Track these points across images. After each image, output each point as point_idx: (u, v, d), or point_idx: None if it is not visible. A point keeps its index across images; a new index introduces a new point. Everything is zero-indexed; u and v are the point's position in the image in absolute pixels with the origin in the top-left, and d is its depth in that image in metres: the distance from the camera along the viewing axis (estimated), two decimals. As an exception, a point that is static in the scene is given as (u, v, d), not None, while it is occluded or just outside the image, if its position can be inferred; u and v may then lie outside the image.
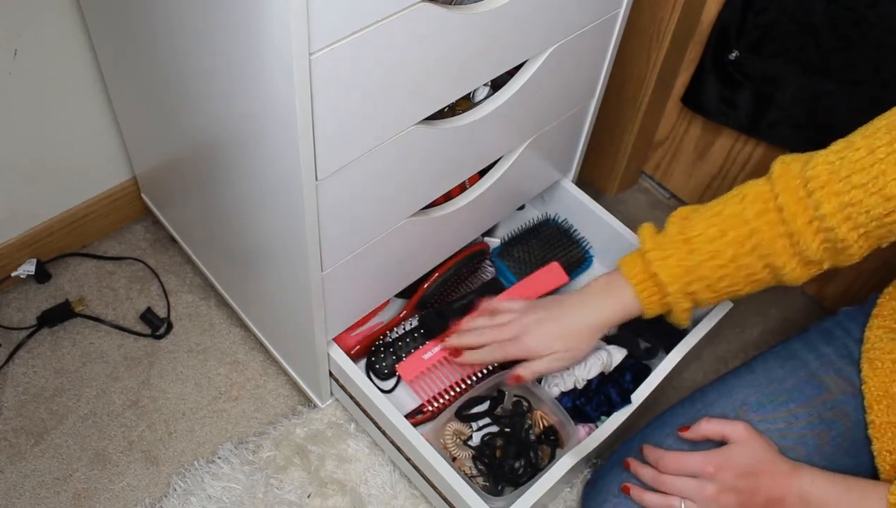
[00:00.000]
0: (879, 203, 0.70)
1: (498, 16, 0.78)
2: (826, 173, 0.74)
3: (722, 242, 0.80)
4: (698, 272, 0.81)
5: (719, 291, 0.82)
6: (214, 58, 0.73)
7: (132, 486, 1.04)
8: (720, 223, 0.80)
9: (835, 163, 0.74)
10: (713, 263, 0.80)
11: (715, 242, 0.80)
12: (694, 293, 0.82)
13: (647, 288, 0.84)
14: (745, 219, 0.79)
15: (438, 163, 0.89)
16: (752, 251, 0.79)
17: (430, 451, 0.92)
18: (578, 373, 1.01)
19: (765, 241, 0.78)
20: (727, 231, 0.80)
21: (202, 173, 0.95)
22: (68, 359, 1.14)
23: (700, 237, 0.81)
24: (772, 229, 0.77)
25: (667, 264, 0.82)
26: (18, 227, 1.16)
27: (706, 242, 0.80)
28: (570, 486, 1.06)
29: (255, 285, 1.03)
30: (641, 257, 0.85)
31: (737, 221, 0.79)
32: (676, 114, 1.30)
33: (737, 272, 0.80)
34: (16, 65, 1.00)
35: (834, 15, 1.01)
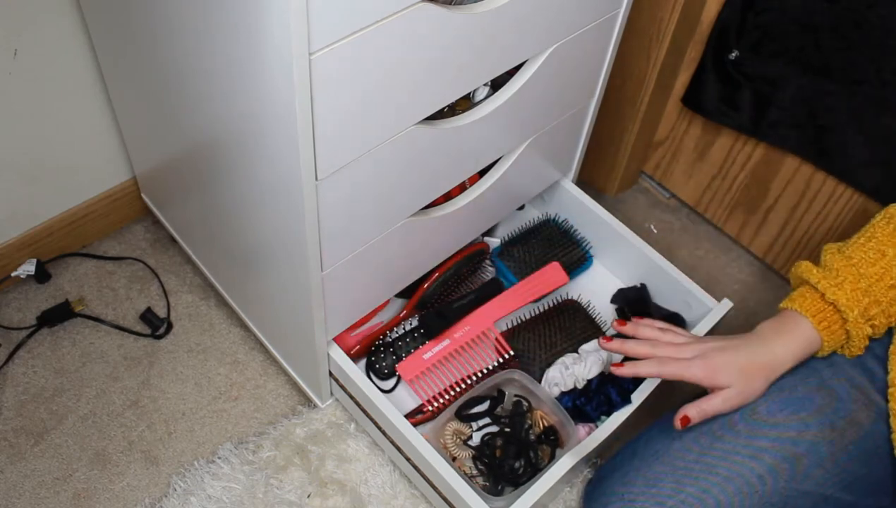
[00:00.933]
0: None
1: (498, 16, 0.78)
2: None
3: (885, 262, 0.79)
4: (873, 295, 0.80)
5: (893, 316, 0.81)
6: (214, 58, 0.73)
7: (132, 486, 1.04)
8: (876, 246, 0.80)
9: None
10: (883, 284, 0.79)
11: (878, 264, 0.80)
12: (872, 318, 0.80)
13: (826, 318, 0.81)
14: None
15: (438, 163, 0.89)
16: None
17: (429, 451, 0.92)
18: (578, 373, 1.01)
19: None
20: (886, 250, 0.80)
21: (202, 173, 0.95)
22: (68, 359, 1.14)
23: (863, 262, 0.80)
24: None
25: (843, 289, 0.80)
26: (18, 227, 1.16)
27: (870, 265, 0.80)
28: (570, 486, 1.06)
29: (255, 285, 1.03)
30: (811, 290, 0.83)
31: (893, 239, 0.80)
32: (676, 114, 1.30)
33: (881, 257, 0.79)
34: (16, 65, 1.00)
35: (834, 15, 1.01)
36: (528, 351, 1.07)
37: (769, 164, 1.22)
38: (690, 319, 1.12)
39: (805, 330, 0.82)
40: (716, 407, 0.82)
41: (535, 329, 1.09)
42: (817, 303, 0.82)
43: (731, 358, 0.82)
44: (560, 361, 1.03)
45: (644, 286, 1.16)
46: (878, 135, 1.06)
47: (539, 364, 1.06)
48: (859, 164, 1.10)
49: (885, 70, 1.01)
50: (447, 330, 1.06)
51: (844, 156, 1.11)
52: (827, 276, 0.81)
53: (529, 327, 1.10)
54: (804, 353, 0.82)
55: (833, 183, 1.15)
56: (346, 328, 1.02)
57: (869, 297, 0.80)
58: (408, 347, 1.08)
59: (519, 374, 1.02)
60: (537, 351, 1.07)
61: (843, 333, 0.82)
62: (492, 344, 1.07)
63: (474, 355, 1.07)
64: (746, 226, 1.33)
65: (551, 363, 1.05)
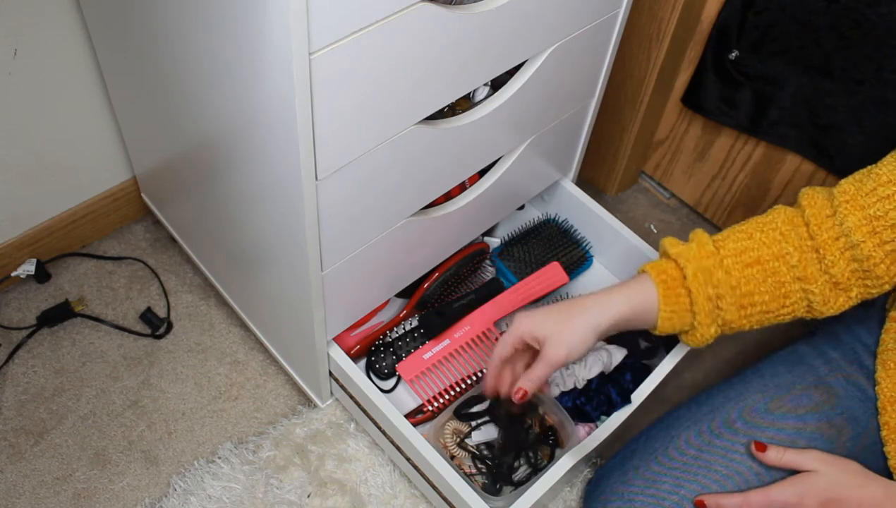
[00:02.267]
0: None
1: (497, 15, 0.78)
2: (852, 188, 0.74)
3: (748, 242, 0.78)
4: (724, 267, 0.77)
5: (745, 304, 0.78)
6: (214, 57, 0.73)
7: (132, 486, 1.04)
8: (746, 229, 0.79)
9: (861, 179, 0.74)
10: (737, 261, 0.77)
11: (740, 242, 0.78)
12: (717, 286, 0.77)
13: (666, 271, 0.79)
14: (774, 226, 0.78)
15: (438, 163, 0.89)
16: (779, 256, 0.77)
17: (429, 451, 0.92)
18: (578, 373, 1.01)
19: (793, 248, 0.76)
20: (753, 234, 0.78)
21: (202, 173, 0.95)
22: (68, 359, 1.14)
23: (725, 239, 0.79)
24: (800, 241, 0.76)
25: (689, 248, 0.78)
26: (18, 227, 1.16)
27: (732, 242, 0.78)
28: (570, 486, 1.06)
29: (255, 285, 1.03)
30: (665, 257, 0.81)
31: (765, 227, 0.78)
32: (676, 114, 1.30)
33: (763, 277, 0.77)
34: (16, 64, 1.00)
35: (834, 14, 1.01)
36: None
37: (769, 164, 1.22)
38: None
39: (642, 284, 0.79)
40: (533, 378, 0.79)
41: None
42: (661, 263, 0.80)
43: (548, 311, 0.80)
44: None
45: None
46: (878, 134, 1.06)
47: None
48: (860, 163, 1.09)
49: (885, 69, 1.01)
50: (447, 330, 1.06)
51: (845, 155, 1.11)
52: (680, 243, 0.80)
53: None
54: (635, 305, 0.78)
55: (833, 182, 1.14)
56: (346, 328, 1.02)
57: (714, 260, 0.77)
58: (408, 347, 1.08)
59: None
60: None
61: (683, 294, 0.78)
62: (492, 344, 1.07)
63: (474, 355, 1.07)
64: (746, 226, 1.32)
65: None
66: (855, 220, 0.73)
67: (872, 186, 0.73)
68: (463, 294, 1.12)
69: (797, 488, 0.77)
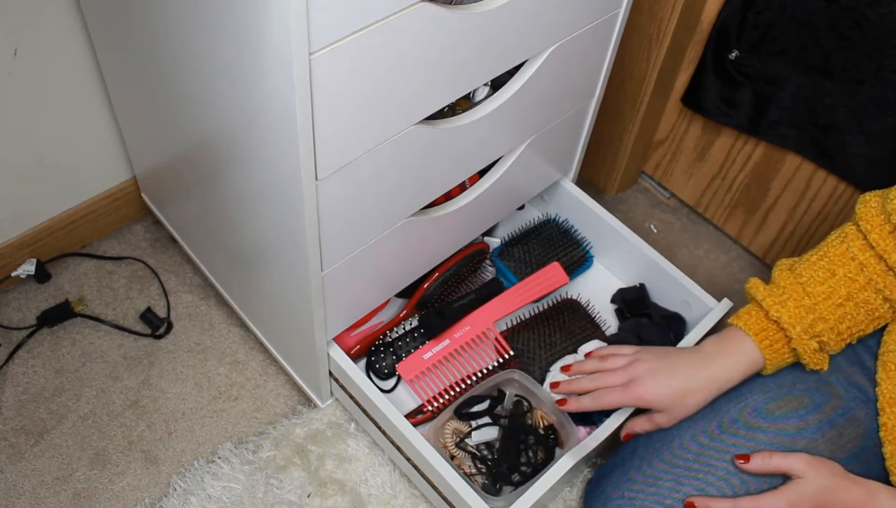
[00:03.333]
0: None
1: (497, 15, 0.78)
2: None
3: (834, 281, 0.80)
4: (818, 312, 0.80)
5: (843, 333, 0.81)
6: (214, 57, 0.73)
7: (132, 486, 1.04)
8: (827, 264, 0.81)
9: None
10: (830, 303, 0.80)
11: (827, 282, 0.80)
12: (819, 334, 0.80)
13: (769, 337, 0.82)
14: (852, 256, 0.80)
15: (438, 163, 0.89)
16: (866, 286, 0.79)
17: (429, 451, 0.92)
18: None
19: (876, 275, 0.79)
20: (836, 270, 0.80)
21: (202, 173, 0.95)
22: (68, 359, 1.14)
23: (812, 280, 0.81)
24: (877, 264, 0.79)
25: (786, 307, 0.81)
26: (18, 227, 1.16)
27: (818, 284, 0.80)
28: (570, 486, 1.06)
29: (255, 285, 1.03)
30: (756, 307, 0.83)
31: (843, 259, 0.80)
32: (676, 114, 1.30)
33: (856, 310, 0.80)
34: (16, 64, 1.00)
35: (834, 14, 1.01)
36: (528, 351, 1.07)
37: (769, 164, 1.22)
38: (690, 319, 1.12)
39: (747, 349, 0.83)
40: (643, 427, 0.87)
41: (534, 328, 1.09)
42: (761, 321, 0.82)
43: (664, 382, 0.85)
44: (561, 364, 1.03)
45: (643, 286, 1.16)
46: (878, 134, 1.06)
47: (539, 363, 1.06)
48: (860, 164, 1.10)
49: (885, 69, 1.01)
50: (447, 330, 1.06)
51: (845, 155, 1.11)
52: (772, 293, 0.82)
53: (529, 326, 1.10)
54: (747, 372, 0.84)
55: (833, 182, 1.15)
56: (346, 328, 1.02)
57: (814, 314, 0.80)
58: (408, 347, 1.08)
59: (519, 374, 1.02)
60: (537, 351, 1.07)
61: (788, 351, 0.82)
62: (492, 344, 1.07)
63: (474, 355, 1.07)
64: (746, 226, 1.33)
65: (552, 362, 1.05)
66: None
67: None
68: (463, 294, 1.12)
69: (788, 497, 0.78)
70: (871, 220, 0.79)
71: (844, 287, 0.80)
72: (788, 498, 0.78)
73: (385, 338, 1.09)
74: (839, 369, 0.85)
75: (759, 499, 0.78)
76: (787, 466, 0.79)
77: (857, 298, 0.80)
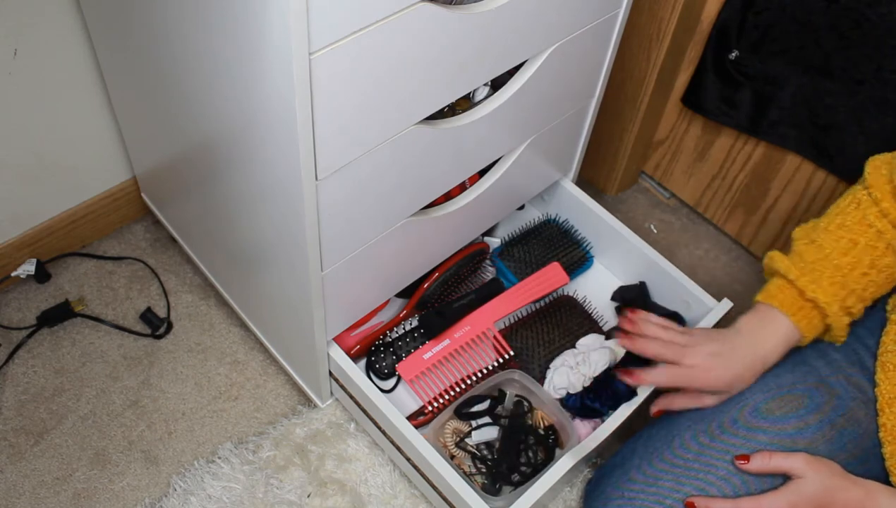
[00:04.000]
0: None
1: (497, 15, 0.78)
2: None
3: (857, 251, 0.81)
4: (848, 285, 0.81)
5: (867, 300, 0.82)
6: (214, 57, 0.73)
7: (132, 486, 1.04)
8: (847, 234, 0.82)
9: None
10: (856, 273, 0.81)
11: (850, 253, 0.81)
12: (850, 307, 0.82)
13: (807, 315, 0.83)
14: (870, 223, 0.81)
15: (438, 162, 0.89)
16: (885, 251, 0.81)
17: (429, 451, 0.92)
18: (585, 372, 1.01)
19: (894, 240, 0.80)
20: (857, 239, 0.81)
21: (202, 173, 0.95)
22: (68, 359, 1.14)
23: (836, 251, 0.82)
24: (894, 230, 0.80)
25: (821, 286, 0.81)
26: (18, 227, 1.16)
27: (842, 254, 0.81)
28: (570, 486, 1.06)
29: (255, 285, 1.03)
30: (789, 285, 0.84)
31: (862, 227, 0.81)
32: (676, 114, 1.30)
33: (879, 275, 0.81)
34: (16, 64, 1.00)
35: (834, 14, 1.01)
36: (527, 349, 1.07)
37: (769, 164, 1.22)
38: (690, 318, 1.12)
39: (787, 328, 0.83)
40: (684, 404, 0.87)
41: (532, 326, 1.10)
42: (797, 301, 0.83)
43: (727, 366, 0.84)
44: (562, 363, 1.03)
45: (643, 284, 1.16)
46: (878, 134, 1.06)
47: (538, 361, 1.06)
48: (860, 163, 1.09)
49: (885, 69, 1.01)
50: (447, 330, 1.06)
51: (845, 155, 1.11)
52: (804, 271, 0.82)
53: (527, 324, 1.10)
54: (787, 348, 0.85)
55: (833, 182, 1.15)
56: (346, 328, 1.02)
57: (846, 289, 0.81)
58: (408, 347, 1.08)
59: (519, 375, 1.02)
60: (536, 349, 1.07)
61: (822, 325, 0.83)
62: (492, 343, 1.07)
63: (474, 355, 1.07)
64: (746, 226, 1.33)
65: (551, 359, 1.05)
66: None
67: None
68: (463, 294, 1.12)
69: (788, 497, 0.78)
70: (881, 188, 0.80)
71: (867, 255, 0.81)
72: (789, 498, 0.78)
73: (385, 338, 1.09)
74: (839, 369, 0.85)
75: (760, 500, 0.78)
76: (788, 466, 0.79)
77: (880, 264, 0.81)
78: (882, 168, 0.81)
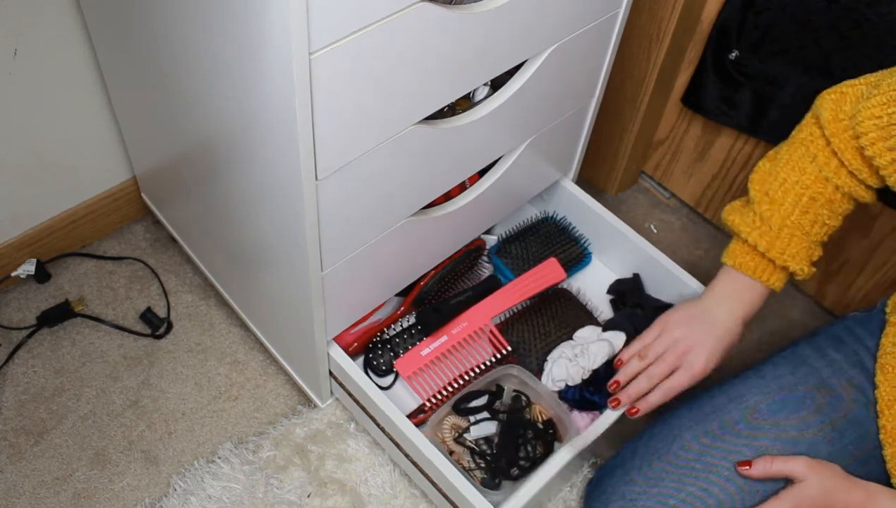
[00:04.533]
0: None
1: (497, 16, 0.78)
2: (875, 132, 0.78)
3: (817, 207, 0.86)
4: (811, 238, 0.87)
5: (820, 237, 0.88)
6: (214, 57, 0.73)
7: (132, 486, 1.04)
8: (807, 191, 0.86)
9: (882, 118, 0.77)
10: (817, 227, 0.87)
11: (811, 211, 0.86)
12: (813, 256, 0.88)
13: (774, 274, 0.89)
14: (827, 177, 0.85)
15: (438, 162, 0.89)
16: (842, 199, 0.86)
17: (429, 448, 0.92)
18: (584, 364, 1.01)
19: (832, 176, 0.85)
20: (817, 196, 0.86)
21: (202, 173, 0.95)
22: (68, 359, 1.14)
23: (797, 211, 0.86)
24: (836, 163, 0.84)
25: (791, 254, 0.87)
26: (18, 227, 1.16)
27: (803, 214, 0.86)
28: (570, 486, 1.06)
29: (255, 285, 1.03)
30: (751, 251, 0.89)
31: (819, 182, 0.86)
32: (676, 114, 1.30)
33: (836, 220, 0.87)
34: (16, 64, 1.00)
35: (834, 14, 1.01)
36: (524, 343, 1.07)
37: (769, 164, 1.22)
38: None
39: (757, 287, 0.90)
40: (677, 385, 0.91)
41: (528, 320, 1.10)
42: (761, 262, 0.89)
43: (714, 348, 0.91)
44: (560, 355, 1.03)
45: (637, 276, 1.16)
46: (877, 134, 1.06)
47: (535, 354, 1.06)
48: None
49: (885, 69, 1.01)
50: (444, 326, 1.06)
51: (844, 155, 1.11)
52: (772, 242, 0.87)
53: (523, 318, 1.10)
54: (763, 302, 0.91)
55: (833, 182, 1.15)
56: (346, 328, 1.02)
57: (810, 243, 0.87)
58: (405, 344, 1.08)
59: (517, 370, 1.02)
60: (533, 342, 1.07)
61: (787, 275, 0.90)
62: (489, 339, 1.07)
63: (472, 351, 1.07)
64: (746, 226, 1.32)
65: (548, 352, 1.05)
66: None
67: None
68: (460, 290, 1.12)
69: (790, 501, 0.78)
70: (843, 141, 0.82)
71: (826, 208, 0.86)
72: (791, 503, 0.77)
73: (382, 335, 1.10)
74: (840, 370, 0.85)
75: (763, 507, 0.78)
76: (789, 470, 0.78)
77: (838, 210, 0.86)
78: (840, 112, 0.83)
